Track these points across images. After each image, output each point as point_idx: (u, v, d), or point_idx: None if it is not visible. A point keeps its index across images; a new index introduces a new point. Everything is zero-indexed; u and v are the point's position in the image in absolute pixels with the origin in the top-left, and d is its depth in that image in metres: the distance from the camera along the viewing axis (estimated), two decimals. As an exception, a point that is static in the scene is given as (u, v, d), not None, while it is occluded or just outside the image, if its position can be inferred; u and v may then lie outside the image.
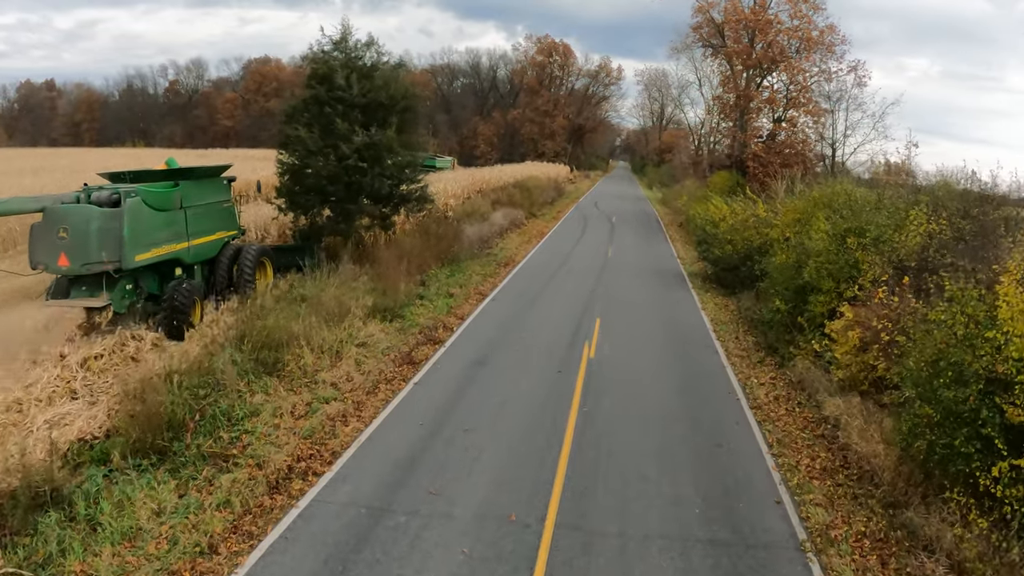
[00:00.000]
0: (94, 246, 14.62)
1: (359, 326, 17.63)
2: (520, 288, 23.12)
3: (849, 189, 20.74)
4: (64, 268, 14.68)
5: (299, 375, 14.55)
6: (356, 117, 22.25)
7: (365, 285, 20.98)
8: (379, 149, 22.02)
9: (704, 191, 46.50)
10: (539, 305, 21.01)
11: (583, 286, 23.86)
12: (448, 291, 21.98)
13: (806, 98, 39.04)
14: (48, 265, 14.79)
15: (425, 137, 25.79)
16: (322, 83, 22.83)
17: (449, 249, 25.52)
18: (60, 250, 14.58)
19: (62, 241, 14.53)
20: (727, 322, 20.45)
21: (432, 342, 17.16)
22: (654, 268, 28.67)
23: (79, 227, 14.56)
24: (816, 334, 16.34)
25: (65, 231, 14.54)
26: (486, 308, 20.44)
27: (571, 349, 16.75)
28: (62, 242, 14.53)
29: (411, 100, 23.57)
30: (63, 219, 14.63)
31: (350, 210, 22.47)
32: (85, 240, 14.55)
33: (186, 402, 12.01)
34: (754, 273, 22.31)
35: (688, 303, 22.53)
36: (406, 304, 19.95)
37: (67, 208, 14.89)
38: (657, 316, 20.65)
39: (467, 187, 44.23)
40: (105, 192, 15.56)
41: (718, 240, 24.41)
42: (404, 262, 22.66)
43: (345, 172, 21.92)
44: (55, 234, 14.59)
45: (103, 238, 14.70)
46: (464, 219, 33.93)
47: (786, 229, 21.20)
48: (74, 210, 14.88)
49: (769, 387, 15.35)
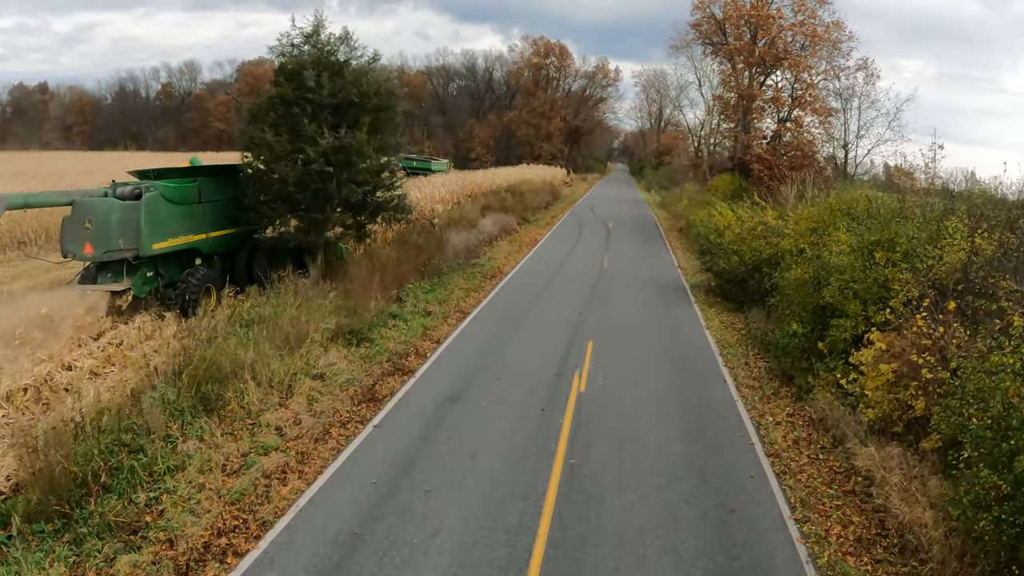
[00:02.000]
0: (114, 235, 16.33)
1: (318, 353, 15.55)
2: (506, 305, 21.01)
3: (871, 195, 18.71)
4: (88, 255, 16.50)
5: (241, 415, 12.49)
6: (326, 118, 20.21)
7: (332, 303, 18.93)
8: (349, 153, 19.93)
9: (705, 195, 44.47)
10: (526, 325, 18.90)
11: (575, 302, 21.76)
12: (426, 308, 19.88)
13: (813, 96, 36.99)
14: (75, 253, 16.58)
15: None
16: (290, 80, 20.80)
17: (430, 260, 23.42)
18: (85, 239, 16.33)
19: (87, 231, 16.27)
20: (735, 344, 18.35)
21: (400, 372, 15.06)
22: (653, 279, 26.58)
23: (101, 218, 16.31)
24: (839, 363, 14.27)
25: (90, 222, 16.28)
26: (466, 329, 18.33)
27: (559, 380, 14.64)
28: (87, 232, 16.28)
29: (386, 98, 21.47)
30: (89, 211, 16.39)
31: (318, 220, 20.36)
32: (106, 230, 16.28)
33: (101, 455, 10.12)
34: (764, 287, 20.26)
35: (691, 321, 20.42)
36: (376, 325, 17.87)
37: (92, 201, 16.70)
38: (657, 338, 18.53)
39: (456, 191, 42.16)
40: (128, 187, 17.43)
41: (723, 250, 22.33)
42: (378, 276, 20.58)
43: (312, 178, 19.86)
44: (81, 225, 16.31)
45: (122, 228, 16.40)
46: (450, 226, 31.84)
47: (800, 239, 19.12)
48: (98, 203, 16.64)
49: (787, 427, 13.25)
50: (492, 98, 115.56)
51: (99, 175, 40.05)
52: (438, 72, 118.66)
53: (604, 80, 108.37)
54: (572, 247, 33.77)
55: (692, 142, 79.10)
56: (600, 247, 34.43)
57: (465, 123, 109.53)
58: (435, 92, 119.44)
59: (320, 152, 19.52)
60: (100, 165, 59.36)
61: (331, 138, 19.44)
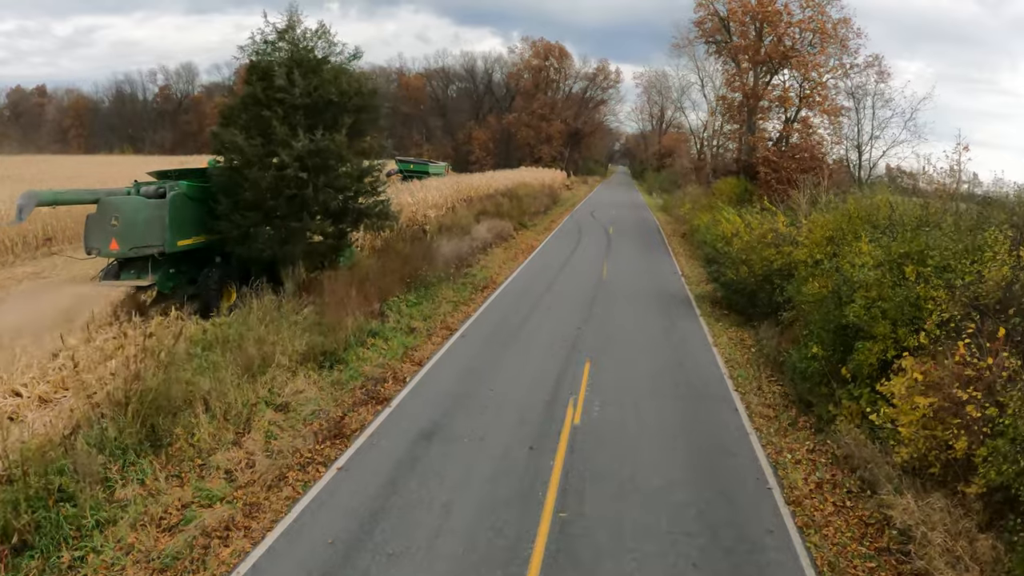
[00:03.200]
0: (141, 232, 16.85)
1: (284, 379, 14.08)
2: (497, 320, 19.48)
3: (894, 200, 17.20)
4: (115, 251, 16.95)
5: (190, 455, 11.05)
6: (300, 119, 18.75)
7: (305, 320, 17.49)
8: (326, 156, 18.47)
9: (709, 199, 42.96)
10: (517, 343, 17.38)
11: (572, 316, 20.22)
12: (409, 325, 18.37)
13: (822, 95, 35.42)
14: (101, 249, 17.01)
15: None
16: (263, 79, 19.37)
17: (418, 271, 21.90)
18: (112, 236, 16.74)
19: (113, 228, 16.70)
20: (745, 364, 16.80)
21: (374, 401, 13.54)
22: (655, 290, 25.03)
23: (129, 215, 16.82)
24: (865, 391, 12.75)
25: (117, 219, 16.71)
26: (452, 349, 16.81)
27: (551, 410, 13.11)
28: (113, 229, 16.70)
29: (368, 98, 20.01)
30: (115, 209, 16.81)
31: (294, 229, 18.87)
32: (134, 227, 16.78)
33: (28, 504, 8.74)
34: (775, 300, 18.73)
35: (697, 338, 18.87)
36: (353, 344, 16.37)
37: (119, 199, 17.21)
38: (660, 357, 16.98)
39: (451, 196, 40.68)
40: (152, 186, 17.91)
41: (731, 260, 20.78)
42: (355, 291, 19.05)
43: (287, 184, 18.40)
44: (108, 222, 16.74)
45: (149, 225, 16.94)
46: (443, 233, 30.34)
47: (815, 249, 17.58)
48: (125, 201, 17.17)
49: (807, 466, 11.71)
50: (491, 100, 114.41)
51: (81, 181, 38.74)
52: (437, 74, 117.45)
53: (605, 82, 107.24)
54: (570, 254, 32.24)
55: (694, 144, 77.73)
56: (600, 254, 32.90)
57: (464, 126, 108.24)
58: (434, 94, 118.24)
59: (294, 156, 18.07)
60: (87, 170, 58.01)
61: (306, 140, 17.98)
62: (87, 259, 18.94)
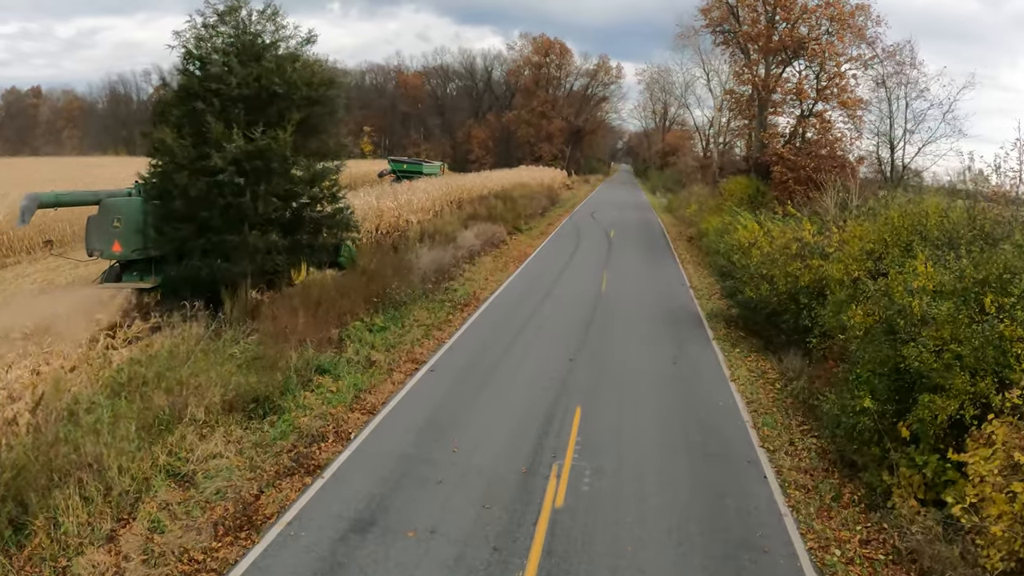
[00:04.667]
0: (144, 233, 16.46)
1: (195, 439, 11.21)
2: (474, 349, 16.55)
3: (951, 206, 14.27)
4: (117, 253, 16.71)
5: (52, 552, 8.26)
6: (239, 115, 15.90)
7: (244, 354, 14.69)
8: (268, 158, 15.59)
9: (717, 200, 40.00)
10: (495, 382, 14.44)
11: (563, 343, 17.29)
12: (369, 357, 15.46)
13: (840, 87, 32.35)
14: (103, 251, 16.72)
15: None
16: (202, 68, 16.60)
17: (386, 289, 18.98)
18: (114, 238, 16.46)
19: (115, 230, 16.41)
20: (771, 407, 13.83)
21: (303, 469, 10.65)
22: (661, 306, 22.06)
23: (132, 217, 16.50)
24: (932, 458, 9.86)
25: (119, 221, 16.43)
26: (415, 390, 13.90)
27: (527, 485, 10.18)
28: (115, 231, 16.41)
29: (322, 90, 17.12)
30: (118, 211, 16.55)
31: (232, 244, 16.02)
32: (136, 228, 16.44)
33: None
34: (801, 323, 15.81)
35: (711, 371, 15.88)
36: (294, 387, 13.49)
37: (121, 201, 16.89)
38: (667, 400, 14.00)
39: (440, 198, 37.76)
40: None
41: (750, 275, 17.79)
42: (311, 314, 16.22)
43: (222, 190, 15.55)
44: (110, 224, 16.46)
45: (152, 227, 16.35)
46: (424, 241, 27.46)
47: (853, 265, 14.63)
48: (127, 202, 16.83)
49: (863, 566, 8.77)
50: (491, 98, 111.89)
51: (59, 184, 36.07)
52: (436, 72, 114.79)
53: (606, 78, 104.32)
54: (567, 263, 29.28)
55: (699, 141, 74.58)
56: (599, 262, 29.92)
57: (463, 124, 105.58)
58: (433, 93, 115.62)
59: (229, 158, 15.20)
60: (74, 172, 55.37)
61: (241, 140, 15.11)
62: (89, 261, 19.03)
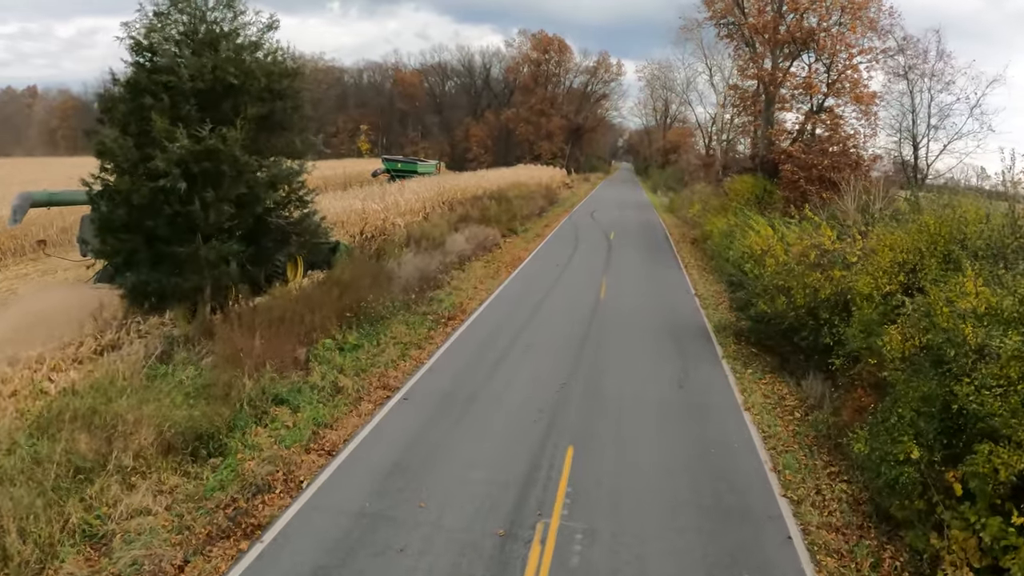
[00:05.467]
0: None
1: (119, 492, 9.50)
2: (455, 371, 14.76)
3: (991, 211, 12.49)
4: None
5: None
6: (190, 111, 14.17)
7: (194, 380, 13.02)
8: (218, 159, 13.83)
9: (722, 200, 38.20)
10: (475, 414, 12.64)
11: (556, 364, 15.51)
12: (335, 382, 13.69)
13: (853, 80, 30.51)
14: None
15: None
16: (152, 60, 14.88)
17: (360, 303, 17.21)
18: None
19: None
20: (791, 442, 12.04)
21: (241, 530, 8.90)
22: (664, 318, 20.27)
23: None
24: (994, 521, 8.12)
25: None
26: (383, 426, 12.13)
27: (504, 553, 8.39)
28: None
29: (284, 81, 15.37)
30: None
31: (181, 256, 14.27)
32: None
33: None
34: (822, 341, 14.07)
35: (721, 397, 14.06)
36: (244, 422, 11.75)
37: None
38: (672, 435, 12.19)
39: (431, 199, 36.01)
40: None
41: (763, 286, 16.00)
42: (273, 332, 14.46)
43: (168, 197, 13.80)
44: None
45: None
46: (410, 246, 25.70)
47: (882, 278, 12.85)
48: None
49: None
50: (489, 96, 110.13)
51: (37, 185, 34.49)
52: (434, 70, 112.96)
53: (606, 75, 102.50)
54: (563, 269, 27.50)
55: (702, 139, 72.73)
56: (598, 267, 28.13)
57: (462, 122, 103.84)
58: (431, 90, 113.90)
59: (174, 159, 13.44)
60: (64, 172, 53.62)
61: (186, 140, 13.34)
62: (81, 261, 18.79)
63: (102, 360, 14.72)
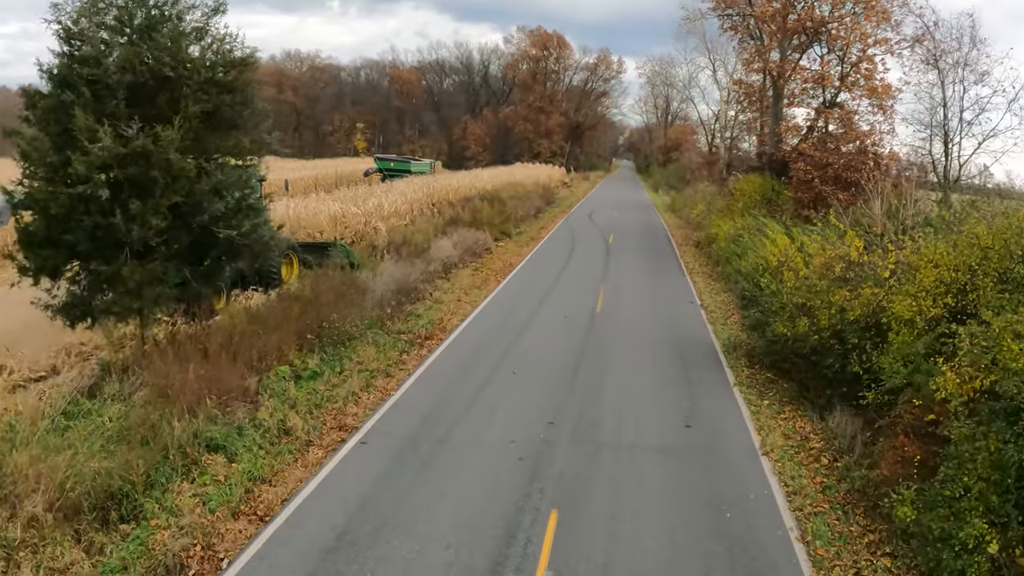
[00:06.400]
0: None
1: None
2: (423, 408, 12.75)
3: None
4: None
5: None
6: (116, 107, 12.23)
7: (121, 419, 11.22)
8: (148, 163, 11.86)
9: (727, 200, 36.23)
10: (441, 468, 10.63)
11: (542, 397, 13.54)
12: (283, 421, 11.73)
13: (869, 70, 28.47)
14: None
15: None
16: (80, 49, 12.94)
17: (322, 323, 15.27)
18: None
19: None
20: (819, 499, 10.05)
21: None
22: (667, 335, 18.28)
23: None
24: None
25: None
26: (331, 480, 10.16)
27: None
28: None
29: (232, 72, 13.39)
30: None
31: (105, 275, 12.32)
32: None
33: None
34: (851, 371, 12.12)
35: (735, 439, 12.04)
36: (166, 476, 9.83)
37: None
38: (679, 496, 10.13)
39: (420, 201, 34.06)
40: None
41: (781, 304, 14.01)
42: (193, 369, 12.42)
43: (91, 207, 11.86)
44: None
45: None
46: (390, 253, 23.77)
47: (926, 300, 10.88)
48: None
49: None
50: (488, 93, 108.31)
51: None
52: (432, 67, 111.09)
53: (607, 72, 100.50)
54: (557, 276, 25.54)
55: (704, 136, 70.65)
56: (595, 275, 26.16)
57: (460, 120, 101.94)
58: (429, 88, 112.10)
59: (96, 163, 11.49)
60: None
61: (110, 141, 11.38)
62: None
63: (27, 392, 12.92)
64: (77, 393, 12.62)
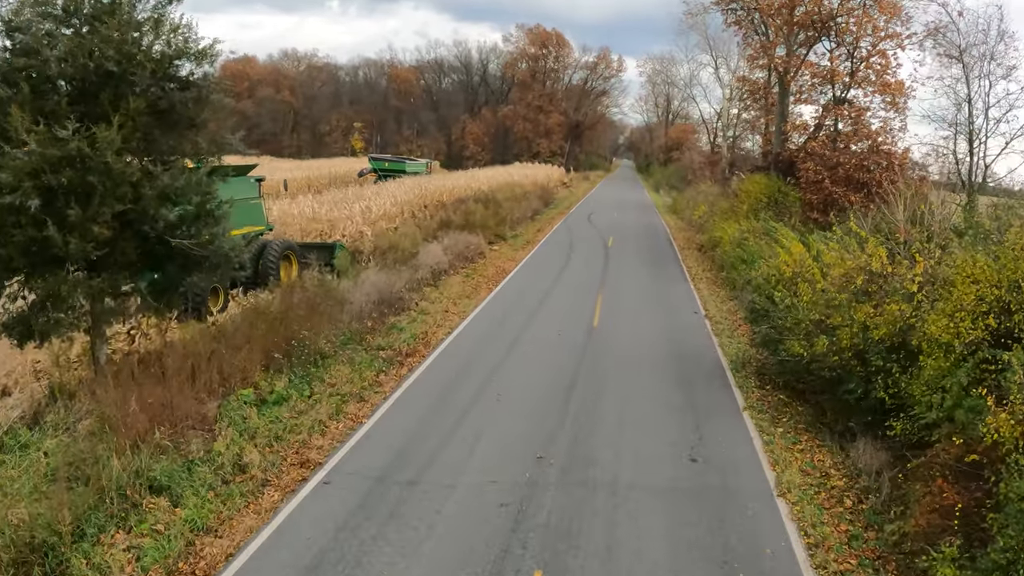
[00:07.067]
0: None
1: None
2: (397, 438, 11.45)
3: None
4: None
5: None
6: (57, 104, 10.99)
7: (61, 452, 10.04)
8: (86, 167, 10.58)
9: (731, 201, 34.92)
10: (411, 516, 9.33)
11: (530, 425, 12.24)
12: (239, 455, 10.45)
13: (881, 65, 27.13)
14: None
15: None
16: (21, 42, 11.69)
17: (291, 340, 13.98)
18: None
19: None
20: (846, 554, 8.71)
21: None
22: (670, 352, 16.96)
23: None
24: None
25: None
26: (284, 529, 8.85)
27: None
28: None
29: (181, 65, 12.11)
30: None
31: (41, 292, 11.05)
32: None
33: None
34: (875, 396, 10.84)
35: (747, 477, 10.66)
36: (104, 523, 8.58)
37: None
38: (687, 547, 8.84)
39: (411, 203, 32.77)
40: None
41: (796, 320, 12.68)
42: (136, 396, 11.12)
43: (16, 219, 10.59)
44: None
45: None
46: (375, 258, 22.49)
47: (965, 320, 9.58)
48: None
49: None
50: (487, 92, 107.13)
51: None
52: (430, 66, 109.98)
53: (606, 71, 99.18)
54: (552, 283, 24.23)
55: (706, 135, 69.31)
56: (593, 282, 24.84)
57: (458, 120, 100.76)
58: (427, 87, 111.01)
59: (26, 168, 10.22)
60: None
61: (36, 143, 10.10)
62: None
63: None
64: (17, 421, 11.40)
